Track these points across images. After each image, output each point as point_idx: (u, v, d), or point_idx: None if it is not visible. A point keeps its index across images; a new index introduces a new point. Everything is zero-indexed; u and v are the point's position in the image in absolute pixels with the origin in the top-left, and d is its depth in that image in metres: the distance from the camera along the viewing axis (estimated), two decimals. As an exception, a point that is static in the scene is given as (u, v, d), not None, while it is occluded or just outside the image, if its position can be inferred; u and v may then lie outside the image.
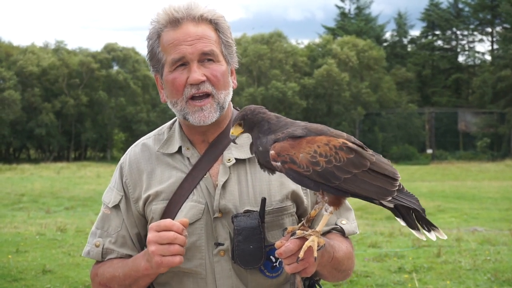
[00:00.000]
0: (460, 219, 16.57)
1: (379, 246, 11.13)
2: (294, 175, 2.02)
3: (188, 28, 2.30)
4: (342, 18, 68.11)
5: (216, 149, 2.39)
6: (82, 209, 19.60)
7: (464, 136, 56.75)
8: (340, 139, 2.06)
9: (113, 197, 2.45)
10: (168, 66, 2.32)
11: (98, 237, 2.46)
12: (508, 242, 11.54)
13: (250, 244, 2.18)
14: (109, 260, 2.42)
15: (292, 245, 2.05)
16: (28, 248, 11.11)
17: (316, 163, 2.00)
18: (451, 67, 65.09)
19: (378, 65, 58.22)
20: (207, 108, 2.31)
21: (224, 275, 2.30)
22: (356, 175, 2.03)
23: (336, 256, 2.27)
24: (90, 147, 63.83)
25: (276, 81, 52.08)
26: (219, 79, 2.33)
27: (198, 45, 2.29)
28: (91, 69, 56.64)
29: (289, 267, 2.08)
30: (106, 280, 2.39)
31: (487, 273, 8.89)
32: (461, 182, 29.22)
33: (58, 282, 8.76)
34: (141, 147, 2.48)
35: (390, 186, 2.07)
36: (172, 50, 2.30)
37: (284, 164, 2.02)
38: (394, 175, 2.09)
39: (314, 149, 2.01)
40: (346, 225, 2.42)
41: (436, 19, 64.91)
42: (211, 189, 2.34)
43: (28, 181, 28.46)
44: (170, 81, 2.32)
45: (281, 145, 2.03)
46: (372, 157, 2.08)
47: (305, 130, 2.06)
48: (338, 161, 2.01)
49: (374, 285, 8.45)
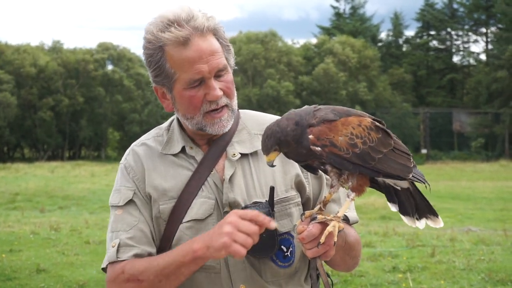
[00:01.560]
0: (455, 219, 16.61)
1: (373, 246, 11.14)
2: (335, 158, 2.02)
3: (199, 44, 2.26)
4: (337, 18, 68.19)
5: (219, 146, 2.40)
6: (76, 208, 19.59)
7: (459, 137, 56.88)
8: (368, 118, 2.10)
9: (123, 194, 2.40)
10: (184, 83, 2.29)
11: (114, 239, 2.32)
12: (502, 242, 11.56)
13: (263, 233, 2.16)
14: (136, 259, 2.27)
15: (315, 229, 2.05)
16: (22, 247, 11.09)
17: (354, 145, 2.01)
18: (446, 67, 65.22)
19: (373, 64, 58.35)
20: (225, 118, 2.33)
21: (238, 268, 2.31)
22: (385, 154, 2.06)
23: (348, 241, 2.31)
24: (85, 146, 63.79)
25: (271, 80, 52.17)
26: (232, 90, 2.35)
27: (213, 63, 2.27)
28: (87, 68, 56.64)
29: (310, 251, 2.08)
30: (137, 273, 2.22)
31: (481, 273, 8.91)
32: (456, 182, 29.29)
33: (52, 281, 8.74)
34: (143, 147, 2.47)
35: (409, 163, 2.12)
36: (188, 69, 2.26)
37: (325, 148, 2.01)
38: (408, 151, 2.15)
39: (350, 131, 2.02)
40: (349, 213, 2.44)
41: (431, 19, 65.00)
42: (219, 184, 2.35)
43: (23, 180, 28.41)
44: (187, 97, 2.30)
45: (319, 129, 2.02)
46: (392, 135, 2.13)
47: (334, 113, 2.06)
48: (372, 142, 2.04)
49: (368, 285, 8.45)
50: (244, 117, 2.53)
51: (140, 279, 2.21)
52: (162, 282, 2.20)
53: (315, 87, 54.36)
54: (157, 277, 2.20)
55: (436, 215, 2.24)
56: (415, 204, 2.21)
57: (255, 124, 2.50)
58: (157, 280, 2.20)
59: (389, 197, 2.20)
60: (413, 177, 2.11)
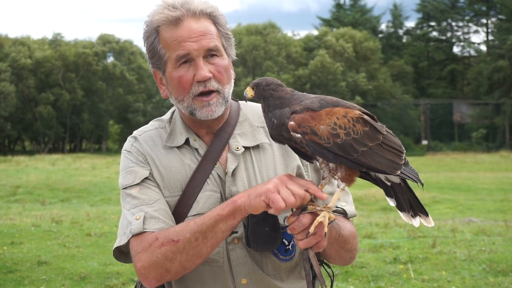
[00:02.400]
0: (455, 210, 16.62)
1: (374, 237, 11.15)
2: (315, 146, 2.02)
3: (190, 25, 2.28)
4: (338, 9, 68.05)
5: (222, 138, 2.40)
6: (77, 201, 19.61)
7: (459, 127, 56.86)
8: (356, 111, 2.08)
9: (138, 173, 2.35)
10: (173, 62, 2.30)
11: (136, 213, 2.24)
12: (503, 232, 11.56)
13: (266, 226, 2.18)
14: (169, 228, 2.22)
15: (305, 219, 2.05)
16: (23, 240, 11.10)
17: (337, 135, 2.01)
18: (446, 58, 65.15)
19: (374, 56, 58.27)
20: (214, 102, 2.31)
21: (240, 262, 2.31)
22: (371, 148, 2.04)
23: (342, 234, 2.31)
24: (86, 138, 63.79)
25: (270, 73, 52.12)
26: (223, 75, 2.33)
27: (202, 42, 2.28)
28: (88, 61, 56.52)
29: (301, 242, 2.08)
30: (174, 233, 2.16)
31: (482, 263, 8.91)
32: (456, 173, 29.28)
33: (53, 273, 8.75)
34: (147, 139, 2.45)
35: (399, 160, 2.09)
36: (177, 47, 2.28)
37: (305, 135, 2.01)
38: (401, 148, 2.12)
39: (334, 121, 2.02)
40: (346, 207, 2.44)
41: (431, 10, 64.89)
42: (223, 177, 2.35)
43: (24, 173, 28.40)
44: (176, 78, 2.31)
45: (302, 116, 2.02)
46: (383, 129, 2.10)
47: (321, 102, 2.06)
48: (356, 134, 2.02)
49: (369, 276, 8.46)
50: (244, 108, 2.52)
51: (175, 239, 2.15)
52: (198, 240, 2.15)
53: (314, 81, 54.28)
54: (193, 235, 2.14)
55: (426, 215, 2.22)
56: (408, 201, 2.20)
57: (256, 116, 2.49)
58: (194, 238, 2.14)
59: (386, 192, 2.19)
60: (402, 174, 2.09)
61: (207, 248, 2.15)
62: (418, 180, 2.13)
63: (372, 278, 8.39)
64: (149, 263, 2.16)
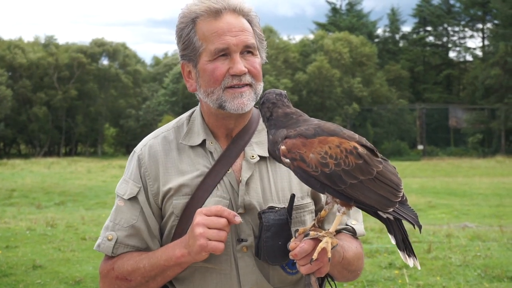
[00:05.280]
0: (451, 215, 16.64)
1: (369, 242, 11.14)
2: (302, 173, 2.00)
3: (230, 19, 2.28)
4: (334, 13, 68.17)
5: (238, 145, 2.37)
6: (72, 205, 19.57)
7: (455, 132, 56.99)
8: (352, 142, 2.03)
9: (129, 188, 2.37)
10: (209, 55, 2.28)
11: (110, 230, 2.36)
12: (498, 238, 11.58)
13: (279, 240, 2.16)
14: (128, 253, 2.34)
15: (307, 245, 2.04)
16: (18, 244, 11.07)
17: (326, 164, 1.98)
18: (442, 63, 65.35)
19: (370, 61, 58.36)
20: (246, 95, 2.28)
21: (248, 271, 2.29)
22: (362, 182, 2.00)
23: (346, 256, 2.27)
24: (81, 142, 63.75)
25: (269, 76, 52.20)
26: (258, 71, 2.32)
27: (242, 37, 2.27)
28: (82, 63, 56.53)
29: (304, 268, 2.07)
30: (126, 273, 2.29)
31: (477, 269, 8.91)
32: (452, 178, 29.34)
33: (48, 277, 8.73)
34: (161, 140, 2.43)
35: (393, 197, 2.04)
36: (216, 39, 2.26)
37: (294, 161, 2.00)
38: (398, 186, 2.06)
39: (325, 150, 1.99)
40: (356, 225, 2.41)
41: (427, 15, 65.12)
42: (235, 185, 2.32)
43: (19, 176, 28.38)
44: (210, 70, 2.28)
45: (293, 142, 2.01)
46: (380, 165, 2.05)
47: (317, 130, 2.03)
48: (347, 165, 1.99)
49: (364, 281, 8.45)
50: None
51: (129, 279, 2.29)
52: (149, 283, 2.28)
53: (311, 87, 54.32)
54: (144, 278, 2.27)
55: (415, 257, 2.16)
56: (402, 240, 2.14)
57: None
58: (144, 281, 2.28)
59: (387, 228, 2.14)
60: (395, 213, 2.05)
61: (158, 286, 2.31)
62: (416, 222, 2.08)
63: (367, 283, 8.39)
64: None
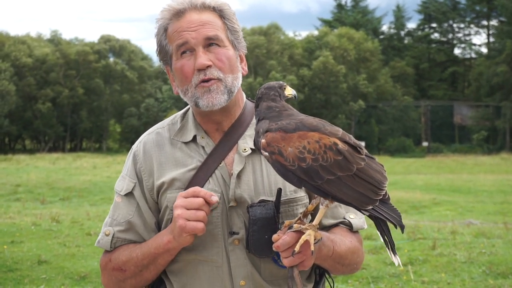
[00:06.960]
0: (455, 212, 16.60)
1: (374, 239, 11.13)
2: (280, 167, 2.01)
3: (191, 16, 2.31)
4: (339, 10, 68.07)
5: (230, 138, 2.38)
6: (77, 200, 19.61)
7: (460, 129, 56.90)
8: (332, 138, 2.02)
9: (126, 184, 2.42)
10: (174, 54, 2.33)
11: (108, 226, 2.41)
12: (502, 235, 11.57)
13: (265, 234, 2.16)
14: (124, 245, 2.39)
15: (289, 238, 2.04)
16: (23, 239, 11.11)
17: (303, 159, 1.98)
18: (447, 60, 65.19)
19: (374, 56, 58.26)
20: (214, 89, 2.28)
21: (240, 263, 2.30)
22: (340, 178, 1.99)
23: (338, 250, 2.26)
24: (86, 138, 63.83)
25: (274, 72, 52.17)
26: (225, 63, 2.31)
27: (201, 30, 2.29)
28: (88, 60, 56.60)
29: (286, 260, 2.07)
30: (121, 263, 2.35)
31: (482, 265, 8.91)
32: (457, 175, 29.28)
33: (53, 272, 8.76)
34: (155, 135, 2.47)
35: (373, 195, 2.02)
36: (176, 37, 2.31)
37: (272, 155, 2.01)
38: (380, 184, 2.04)
39: (304, 145, 1.99)
40: (354, 219, 2.41)
41: (433, 11, 64.94)
42: (227, 178, 2.33)
43: (24, 172, 28.44)
44: (178, 68, 2.32)
45: (273, 136, 2.02)
46: (362, 162, 2.03)
47: (298, 124, 2.03)
48: (325, 161, 1.98)
49: (369, 277, 8.46)
50: None
51: (123, 269, 2.35)
52: (142, 271, 2.33)
53: (316, 83, 54.27)
54: (137, 268, 2.32)
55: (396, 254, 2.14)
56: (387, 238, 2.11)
57: None
58: (138, 270, 2.33)
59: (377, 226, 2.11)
60: (374, 211, 2.02)
61: (152, 275, 2.36)
62: (397, 222, 2.06)
63: (372, 280, 8.40)
64: (107, 282, 2.45)
